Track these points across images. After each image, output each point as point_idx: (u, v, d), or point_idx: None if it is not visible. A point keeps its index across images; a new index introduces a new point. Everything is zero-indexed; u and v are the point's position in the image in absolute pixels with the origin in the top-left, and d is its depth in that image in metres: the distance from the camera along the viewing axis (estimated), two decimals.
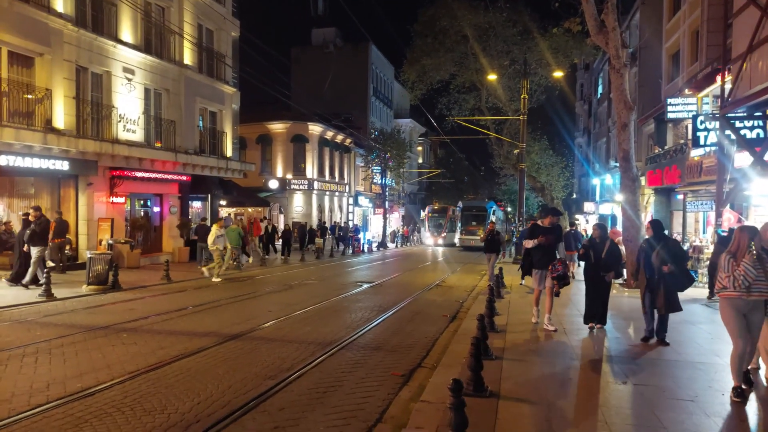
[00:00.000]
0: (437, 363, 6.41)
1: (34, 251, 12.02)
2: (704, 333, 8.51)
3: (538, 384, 5.63)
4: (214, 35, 22.49)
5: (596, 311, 8.34)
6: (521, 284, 13.56)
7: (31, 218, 12.13)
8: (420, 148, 61.12)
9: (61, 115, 15.16)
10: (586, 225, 36.64)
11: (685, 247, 14.07)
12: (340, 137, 39.34)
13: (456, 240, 37.13)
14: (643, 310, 7.81)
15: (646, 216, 20.93)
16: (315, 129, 35.59)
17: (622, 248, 13.17)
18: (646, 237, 8.19)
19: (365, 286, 14.66)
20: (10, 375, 5.86)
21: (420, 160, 60.19)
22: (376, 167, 39.47)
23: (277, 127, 34.86)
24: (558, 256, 8.38)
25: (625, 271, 12.09)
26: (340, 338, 7.90)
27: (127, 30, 17.72)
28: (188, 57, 20.51)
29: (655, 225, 7.90)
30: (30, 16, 14.23)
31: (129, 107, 17.76)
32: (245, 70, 25.14)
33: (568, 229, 20.78)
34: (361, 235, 32.64)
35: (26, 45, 14.27)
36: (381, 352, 7.22)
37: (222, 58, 22.69)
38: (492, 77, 27.19)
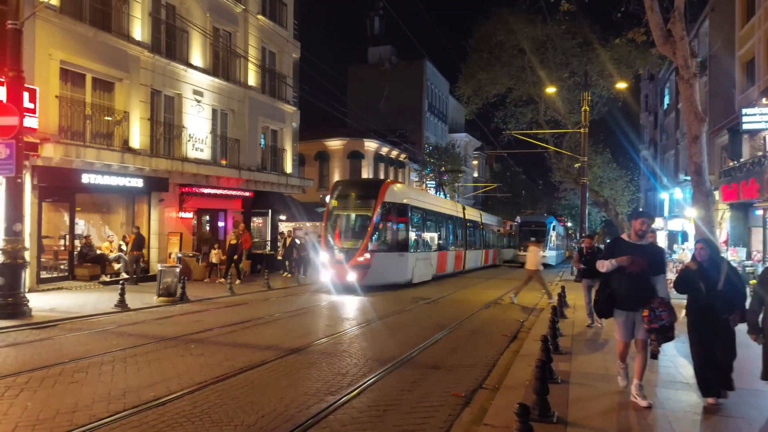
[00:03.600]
0: (499, 384, 6.27)
1: None
2: None
3: (610, 411, 5.36)
4: (276, 57, 23.36)
5: (714, 373, 5.45)
6: (589, 326, 10.36)
7: None
8: (475, 162, 60.57)
9: (137, 135, 16.15)
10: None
11: (761, 268, 13.09)
12: (394, 152, 39.66)
13: (414, 274, 18.51)
14: None
15: (721, 233, 19.74)
16: (370, 145, 36.05)
17: None
18: None
19: (421, 302, 14.59)
20: (90, 382, 6.23)
21: (475, 174, 59.61)
22: (431, 181, 39.45)
23: (334, 143, 35.61)
24: (659, 294, 5.45)
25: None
26: (398, 355, 7.88)
27: (197, 54, 18.73)
28: (252, 78, 21.39)
29: None
30: (111, 45, 15.33)
31: (197, 127, 18.69)
32: (304, 89, 25.94)
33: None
34: None
35: (107, 71, 15.36)
36: (440, 371, 7.15)
37: (283, 78, 23.51)
38: (550, 90, 26.67)
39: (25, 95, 12.20)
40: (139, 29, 16.25)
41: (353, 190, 17.99)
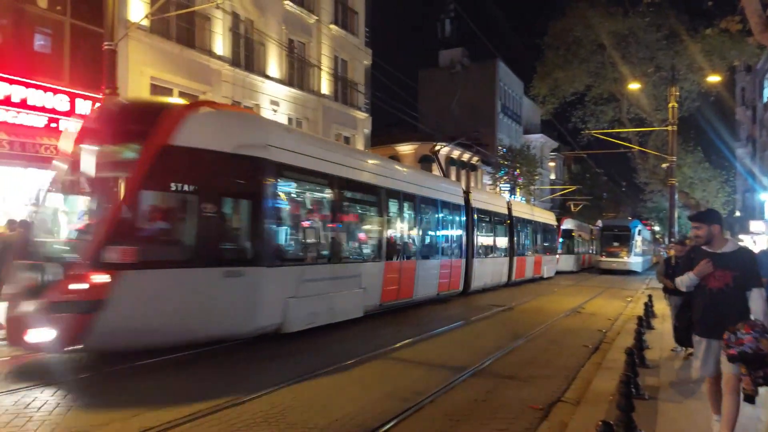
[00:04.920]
0: (580, 398, 5.94)
1: None
2: None
3: None
4: (348, 65, 23.82)
5: None
6: (675, 351, 8.27)
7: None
8: (552, 164, 58.53)
9: None
10: (753, 247, 32.17)
11: None
12: (466, 155, 39.17)
13: (291, 312, 8.81)
14: None
15: None
16: (442, 149, 35.79)
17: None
18: None
19: (496, 309, 14.23)
20: (169, 381, 6.55)
21: (552, 177, 57.60)
22: (505, 184, 38.53)
23: (405, 148, 35.74)
24: (753, 314, 4.24)
25: None
26: (471, 363, 7.69)
27: (273, 66, 19.48)
28: (325, 87, 21.94)
29: None
30: (196, 60, 16.27)
31: None
32: (375, 95, 26.18)
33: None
34: None
35: (192, 85, 16.29)
36: (515, 382, 6.90)
37: (355, 86, 23.92)
38: (634, 86, 25.20)
39: None
40: (220, 44, 17.12)
41: (99, 125, 7.62)
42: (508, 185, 38.14)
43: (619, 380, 4.78)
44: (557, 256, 29.88)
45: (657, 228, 54.35)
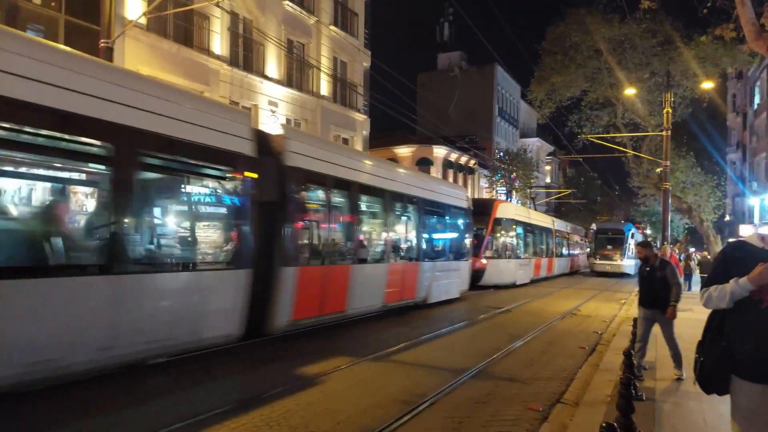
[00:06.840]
0: (579, 400, 6.00)
1: None
2: None
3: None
4: (347, 66, 23.84)
5: None
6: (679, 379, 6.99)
7: None
8: (548, 168, 58.88)
9: None
10: None
11: None
12: (464, 159, 39.31)
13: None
14: None
15: None
16: (439, 152, 35.92)
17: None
18: None
19: (493, 311, 14.30)
20: (168, 386, 6.54)
21: (548, 180, 57.90)
22: (501, 188, 38.71)
23: (403, 151, 35.81)
24: None
25: None
26: (471, 366, 7.74)
27: (272, 66, 19.47)
28: (324, 88, 21.95)
29: None
30: (193, 59, 16.24)
31: None
32: (374, 97, 26.22)
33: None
34: None
35: (190, 85, 16.21)
36: (515, 384, 6.95)
37: (354, 87, 23.94)
38: (629, 92, 25.42)
39: None
40: (218, 43, 17.10)
41: None
42: (504, 188, 38.33)
43: (618, 382, 4.84)
44: (482, 261, 20.19)
45: (649, 231, 54.72)
